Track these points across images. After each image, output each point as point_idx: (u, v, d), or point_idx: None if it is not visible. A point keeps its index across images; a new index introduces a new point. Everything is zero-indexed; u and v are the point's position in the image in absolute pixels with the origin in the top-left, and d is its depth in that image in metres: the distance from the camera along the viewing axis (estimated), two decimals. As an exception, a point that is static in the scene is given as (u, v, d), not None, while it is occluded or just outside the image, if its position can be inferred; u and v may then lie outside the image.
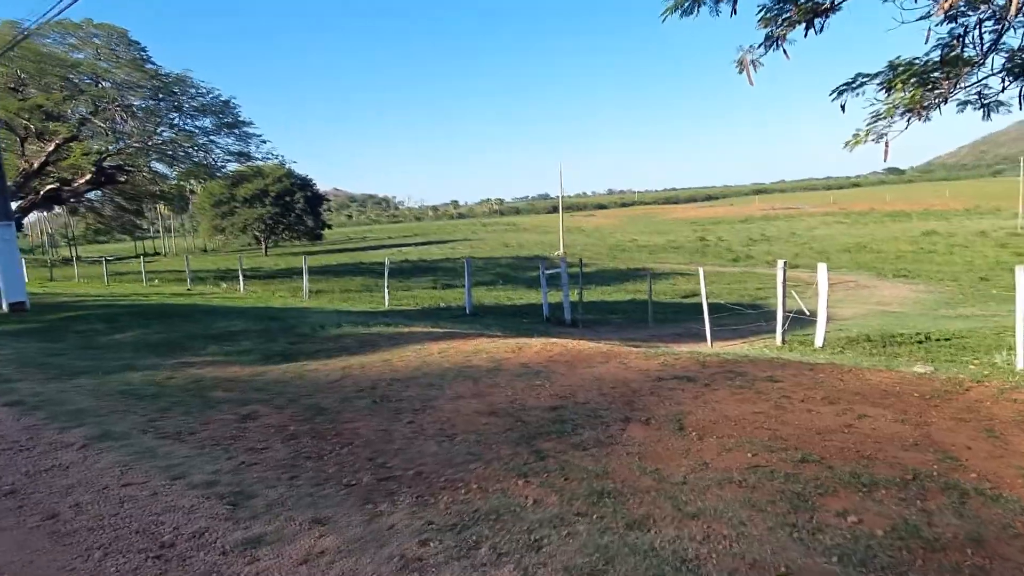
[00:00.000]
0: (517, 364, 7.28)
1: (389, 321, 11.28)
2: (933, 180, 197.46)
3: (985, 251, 36.24)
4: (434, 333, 9.50)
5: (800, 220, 73.01)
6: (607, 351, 7.97)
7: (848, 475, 3.89)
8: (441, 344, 8.53)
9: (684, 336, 13.77)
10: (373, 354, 8.04)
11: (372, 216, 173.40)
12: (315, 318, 11.61)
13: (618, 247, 51.01)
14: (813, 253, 40.09)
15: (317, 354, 8.03)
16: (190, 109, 21.70)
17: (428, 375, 6.83)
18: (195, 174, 23.96)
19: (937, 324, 15.47)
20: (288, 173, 60.89)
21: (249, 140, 23.20)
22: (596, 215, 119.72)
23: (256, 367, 7.34)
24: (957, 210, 71.28)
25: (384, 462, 4.24)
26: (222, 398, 5.97)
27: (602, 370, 6.91)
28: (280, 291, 23.69)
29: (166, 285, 27.42)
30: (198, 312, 12.86)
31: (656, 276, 30.12)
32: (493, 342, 8.66)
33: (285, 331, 9.77)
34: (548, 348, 8.15)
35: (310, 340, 9.03)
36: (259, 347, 8.53)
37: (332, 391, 6.19)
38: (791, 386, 6.04)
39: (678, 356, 7.64)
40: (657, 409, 5.39)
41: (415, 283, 28.31)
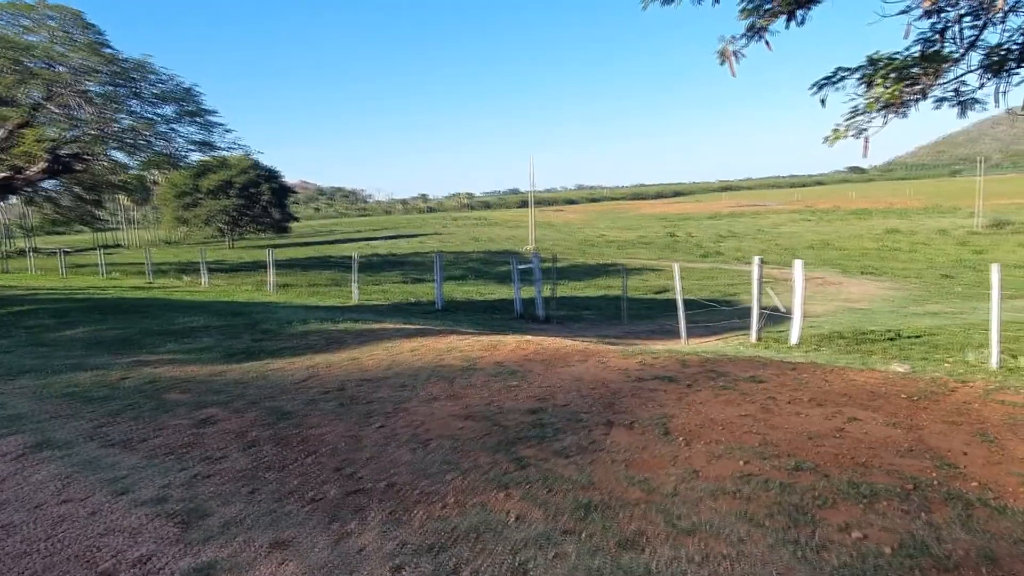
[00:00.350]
0: (492, 363, 7.00)
1: (358, 317, 10.89)
2: (893, 179, 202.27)
3: (946, 249, 36.92)
4: (405, 330, 9.16)
5: (766, 217, 73.92)
6: (584, 349, 7.73)
7: (846, 484, 3.69)
8: (413, 341, 8.21)
9: (658, 333, 13.62)
10: (341, 352, 7.68)
11: (341, 209, 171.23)
12: (281, 313, 11.18)
13: (588, 242, 50.94)
14: (780, 250, 40.44)
15: (282, 352, 7.65)
16: (150, 96, 20.86)
17: (400, 375, 6.51)
18: (156, 163, 23.09)
19: (906, 321, 15.57)
20: (254, 164, 59.64)
21: (212, 129, 22.42)
22: (565, 210, 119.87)
23: (216, 366, 6.94)
24: (917, 208, 72.85)
25: (353, 472, 3.93)
26: (178, 400, 5.58)
27: (580, 369, 6.66)
28: (245, 285, 23.05)
29: (126, 278, 26.56)
30: (157, 307, 12.32)
31: (627, 272, 30.08)
32: (466, 340, 8.36)
33: (248, 327, 9.35)
34: (523, 346, 7.88)
35: (275, 337, 8.63)
36: (220, 344, 8.11)
37: (297, 393, 5.84)
38: (775, 387, 5.87)
39: (656, 355, 7.43)
40: (640, 412, 5.16)
41: (384, 277, 27.81)
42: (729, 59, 7.73)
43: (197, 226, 61.83)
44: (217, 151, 24.05)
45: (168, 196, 60.31)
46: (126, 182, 28.61)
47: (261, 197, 59.33)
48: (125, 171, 25.72)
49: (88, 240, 70.88)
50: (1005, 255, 32.43)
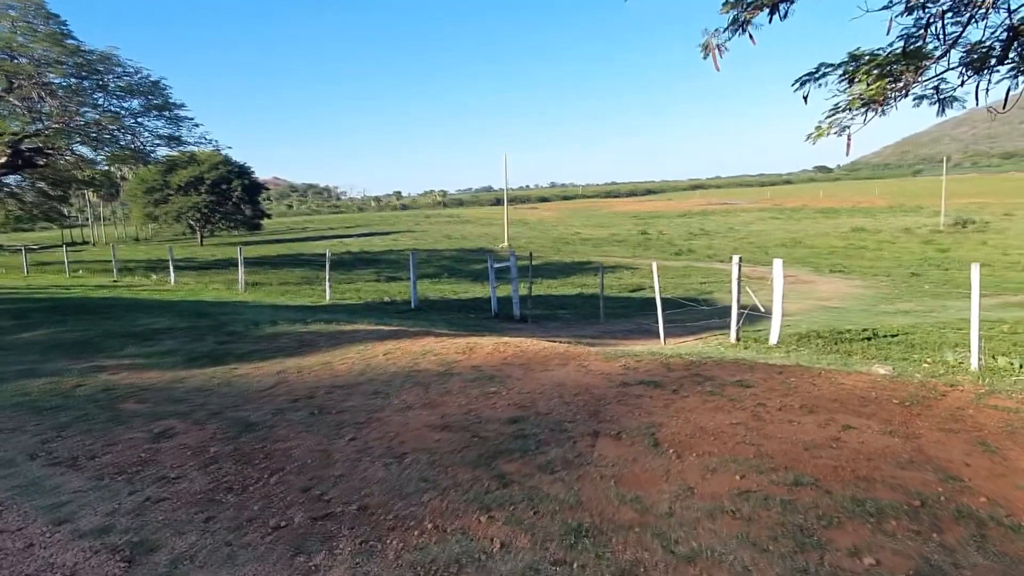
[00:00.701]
0: (469, 367, 6.71)
1: (330, 317, 10.51)
2: (859, 178, 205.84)
3: (911, 247, 37.42)
4: (379, 331, 8.82)
5: (736, 215, 74.58)
6: (564, 352, 7.47)
7: (850, 501, 3.48)
8: (387, 344, 7.88)
9: (635, 332, 13.43)
10: (312, 356, 7.33)
11: (313, 206, 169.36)
12: (249, 314, 10.76)
13: (561, 240, 50.81)
14: (752, 248, 40.67)
15: (249, 356, 7.28)
16: (116, 89, 20.12)
17: (373, 381, 6.19)
18: (122, 159, 22.34)
19: (879, 320, 15.60)
20: (225, 160, 58.53)
21: (180, 123, 21.71)
22: (539, 208, 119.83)
23: (178, 371, 6.55)
24: (882, 207, 74.08)
25: (322, 493, 3.61)
26: (134, 411, 5.20)
27: (561, 374, 6.40)
28: (215, 283, 22.44)
29: (92, 276, 25.70)
30: (120, 307, 11.81)
31: (601, 270, 29.95)
32: (442, 342, 8.06)
33: (214, 329, 8.93)
34: (501, 349, 7.60)
35: (242, 339, 8.24)
36: (184, 348, 7.71)
37: (263, 401, 5.49)
38: (764, 392, 5.67)
39: (640, 358, 7.20)
40: (627, 420, 4.91)
41: (357, 275, 27.35)
42: (713, 53, 7.54)
43: (167, 223, 60.58)
44: (185, 146, 23.36)
45: (137, 192, 58.96)
46: (93, 177, 27.75)
47: (232, 194, 58.21)
48: (91, 166, 24.90)
49: (55, 237, 69.17)
50: (968, 253, 32.94)
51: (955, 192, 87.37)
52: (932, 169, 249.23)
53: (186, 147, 23.85)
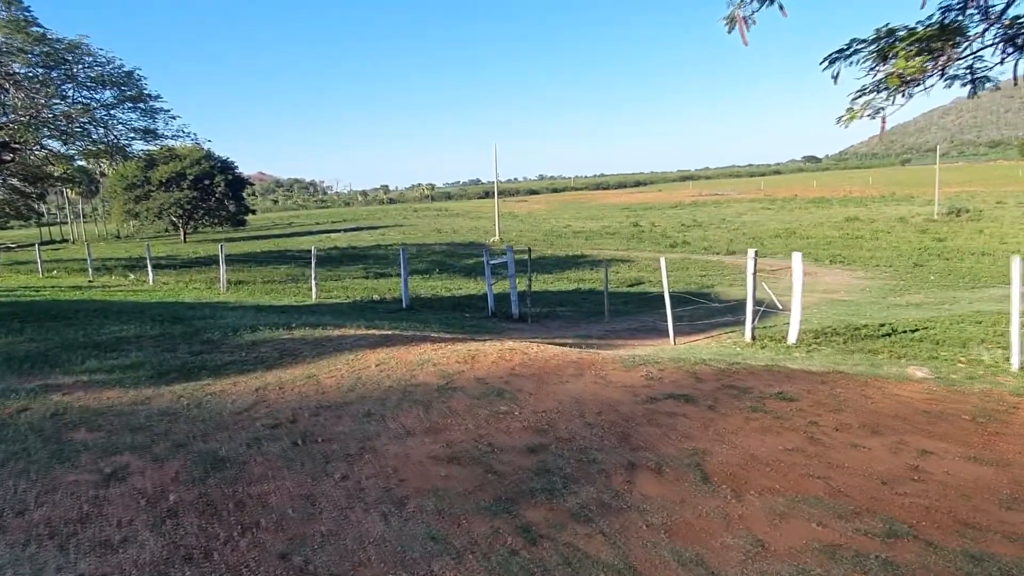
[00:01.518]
0: (473, 380, 5.97)
1: (316, 320, 9.73)
2: (848, 168, 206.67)
3: (908, 237, 36.97)
4: (370, 337, 8.06)
5: (728, 206, 74.17)
6: (578, 360, 6.75)
7: (964, 559, 2.78)
8: (379, 352, 7.12)
9: (641, 331, 12.74)
10: (296, 367, 6.56)
11: (299, 201, 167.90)
12: (229, 318, 9.96)
13: (553, 233, 50.08)
14: (747, 239, 40.11)
15: (225, 369, 6.50)
16: (86, 79, 19.12)
17: (365, 399, 5.43)
18: (95, 153, 21.31)
19: (893, 314, 15.00)
20: (207, 155, 57.33)
21: (156, 115, 20.71)
22: (528, 200, 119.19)
23: (142, 389, 5.77)
24: (874, 197, 73.90)
25: (305, 562, 2.86)
26: (84, 443, 4.42)
27: (579, 387, 5.68)
28: (195, 283, 21.55)
29: (66, 276, 24.71)
30: (89, 312, 10.96)
31: (597, 263, 29.22)
32: (440, 349, 7.31)
33: (188, 337, 8.14)
34: (507, 357, 6.86)
35: (218, 349, 7.46)
36: (152, 359, 6.92)
37: (238, 427, 4.73)
38: (812, 407, 4.97)
39: (662, 366, 6.49)
40: (664, 447, 4.20)
41: (345, 272, 26.49)
42: (740, 25, 6.81)
43: (149, 220, 59.32)
44: (162, 140, 22.33)
45: (117, 189, 57.65)
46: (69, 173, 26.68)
47: (215, 189, 57.01)
48: (66, 161, 23.84)
49: (34, 235, 67.71)
50: (966, 242, 32.54)
51: (945, 181, 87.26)
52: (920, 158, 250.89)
53: (163, 141, 22.77)
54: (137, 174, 55.13)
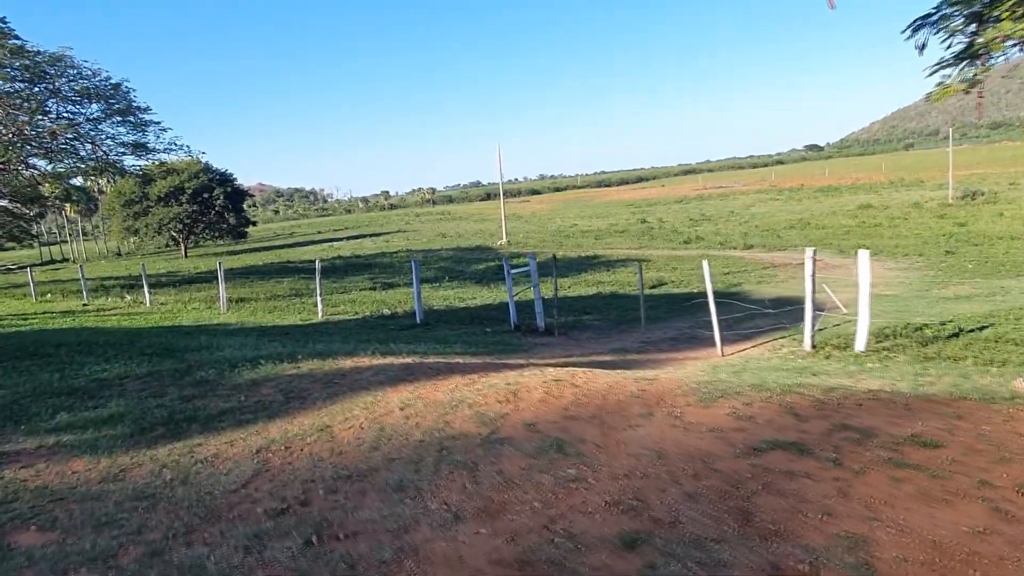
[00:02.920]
0: (522, 427, 4.89)
1: (325, 349, 8.66)
2: (851, 155, 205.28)
3: (928, 223, 35.85)
4: (388, 369, 6.97)
5: (735, 198, 73.17)
6: (639, 392, 5.64)
7: None
8: (402, 390, 6.03)
9: (681, 341, 11.63)
10: (305, 415, 5.49)
11: (300, 210, 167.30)
12: (227, 348, 8.89)
13: (561, 233, 49.02)
14: (761, 232, 39.05)
15: (221, 420, 5.43)
16: (71, 93, 18.09)
17: (393, 461, 4.35)
18: (84, 171, 20.30)
19: (946, 309, 13.90)
20: (205, 168, 56.54)
21: (146, 129, 19.69)
22: (531, 200, 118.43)
23: (119, 456, 4.70)
24: (883, 183, 72.80)
25: None
26: (28, 553, 3.33)
27: (654, 434, 4.59)
28: (195, 301, 20.47)
29: (61, 300, 23.64)
30: (72, 346, 9.90)
31: (612, 264, 28.13)
32: (472, 383, 6.22)
33: (180, 376, 7.07)
34: (554, 392, 5.76)
35: (214, 391, 6.40)
36: (135, 409, 5.86)
37: (234, 517, 3.64)
38: (966, 456, 3.87)
39: (744, 396, 5.38)
40: (805, 532, 3.10)
41: (351, 283, 25.41)
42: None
43: (148, 236, 58.48)
44: (154, 154, 21.26)
45: (115, 206, 56.88)
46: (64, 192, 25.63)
47: (215, 202, 56.13)
48: (54, 180, 22.81)
49: (34, 255, 66.88)
50: (988, 226, 31.45)
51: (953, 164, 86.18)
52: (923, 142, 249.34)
53: (155, 156, 21.70)
54: (135, 190, 54.32)
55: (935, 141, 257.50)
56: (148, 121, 19.65)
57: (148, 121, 19.65)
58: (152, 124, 19.78)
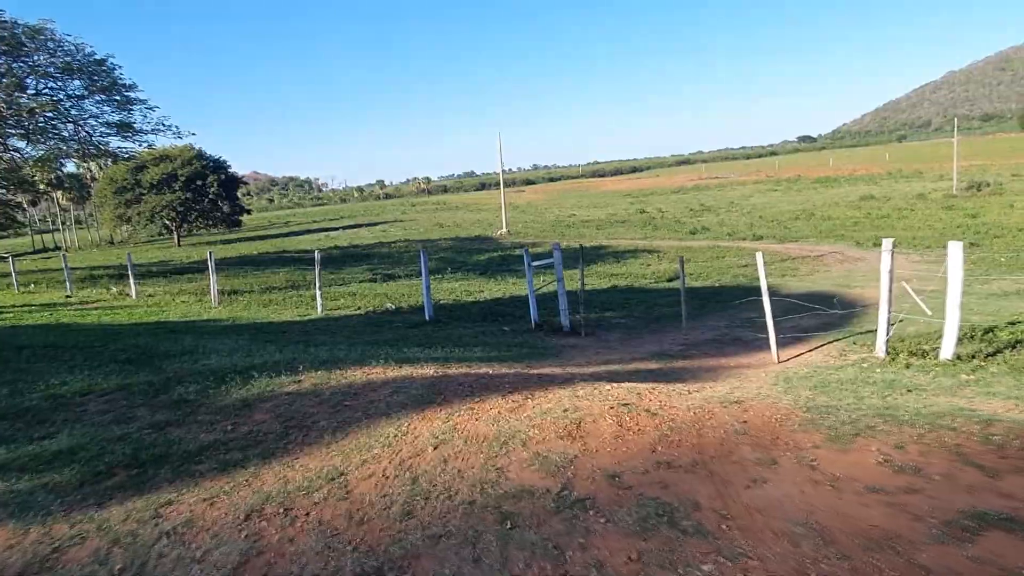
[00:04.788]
0: (602, 478, 3.64)
1: (330, 356, 7.38)
2: (844, 146, 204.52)
3: (937, 214, 34.84)
4: (409, 385, 5.70)
5: (732, 189, 72.45)
6: (741, 424, 4.38)
7: None
8: (431, 418, 4.77)
9: (725, 343, 10.39)
10: (309, 454, 4.23)
11: (295, 199, 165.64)
12: (215, 354, 7.58)
13: (561, 223, 47.80)
14: (766, 223, 37.95)
15: (199, 462, 4.17)
16: (51, 68, 16.56)
17: (438, 541, 3.09)
18: (66, 153, 18.83)
19: (1002, 306, 12.72)
20: (199, 155, 54.99)
21: (132, 107, 18.24)
22: (526, 191, 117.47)
23: (54, 524, 3.42)
24: (881, 174, 72.16)
25: None
26: None
27: (793, 496, 3.34)
28: (185, 293, 19.12)
29: (44, 292, 22.22)
30: (36, 349, 8.58)
31: (620, 255, 26.91)
32: (518, 406, 4.97)
33: (155, 392, 5.78)
34: (627, 420, 4.50)
35: (194, 415, 5.12)
36: (93, 441, 4.58)
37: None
38: None
39: (892, 436, 4.11)
40: None
41: (349, 274, 24.08)
42: None
43: (141, 224, 56.95)
44: (141, 136, 19.76)
45: (107, 193, 55.26)
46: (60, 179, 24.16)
47: (208, 189, 54.58)
48: (40, 164, 21.31)
49: (27, 244, 65.27)
50: (1000, 218, 30.45)
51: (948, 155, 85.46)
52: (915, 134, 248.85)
53: (142, 137, 20.15)
54: (127, 177, 52.82)
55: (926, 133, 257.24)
56: (134, 99, 18.16)
57: (134, 99, 18.16)
58: (138, 103, 18.31)
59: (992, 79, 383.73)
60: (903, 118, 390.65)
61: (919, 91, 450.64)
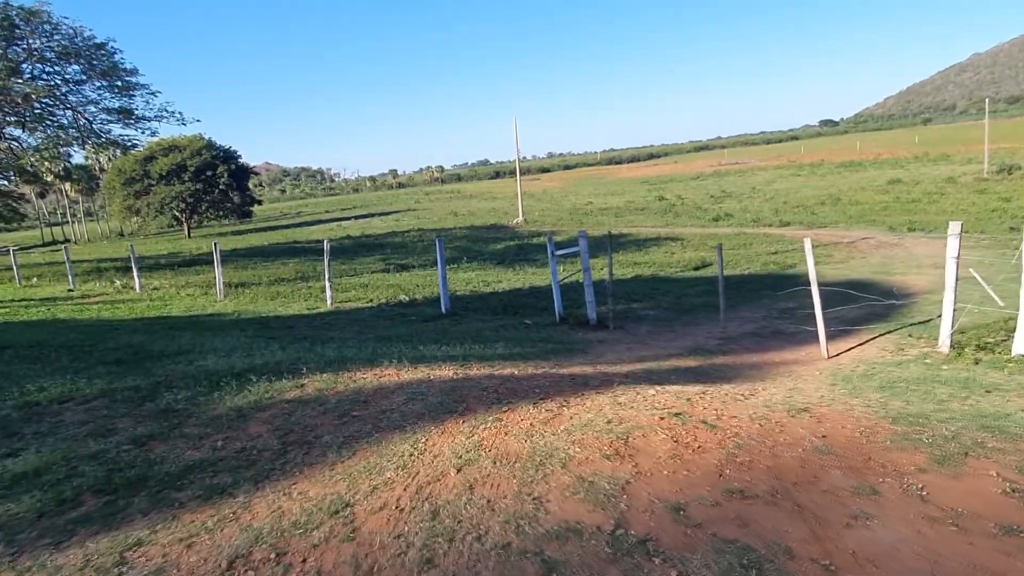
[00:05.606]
0: (664, 512, 2.96)
1: (337, 355, 6.73)
2: (867, 130, 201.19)
3: (969, 198, 33.60)
4: (426, 391, 5.04)
5: (753, 174, 71.08)
6: (821, 440, 3.68)
7: None
8: (452, 431, 4.11)
9: (765, 337, 9.65)
10: (310, 478, 3.58)
11: (307, 190, 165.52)
12: (210, 356, 6.95)
13: (578, 211, 46.90)
14: (791, 208, 36.85)
15: (181, 487, 3.54)
16: (47, 52, 15.98)
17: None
18: (67, 142, 18.29)
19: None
20: (208, 145, 54.49)
21: (133, 93, 17.65)
22: (541, 178, 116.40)
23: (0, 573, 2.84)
24: (907, 158, 70.52)
25: None
26: None
27: (911, 541, 2.64)
28: (191, 286, 18.58)
29: (47, 285, 21.79)
30: (19, 348, 7.98)
31: (641, 243, 26.08)
32: (552, 416, 4.29)
33: (140, 400, 5.17)
34: (682, 435, 3.82)
35: (180, 429, 4.50)
36: (60, 462, 3.93)
37: None
38: None
39: (989, 449, 3.42)
40: None
41: (361, 264, 23.44)
42: None
43: (150, 215, 56.47)
44: (144, 123, 19.14)
45: (116, 184, 54.85)
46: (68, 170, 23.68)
47: (218, 180, 54.02)
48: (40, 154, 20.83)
49: (37, 237, 65.38)
50: (1035, 201, 29.24)
51: (975, 138, 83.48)
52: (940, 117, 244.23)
53: (145, 124, 19.52)
54: (136, 168, 52.41)
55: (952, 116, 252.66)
56: (135, 84, 17.56)
57: (135, 84, 17.56)
58: (140, 88, 17.70)
59: (1019, 60, 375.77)
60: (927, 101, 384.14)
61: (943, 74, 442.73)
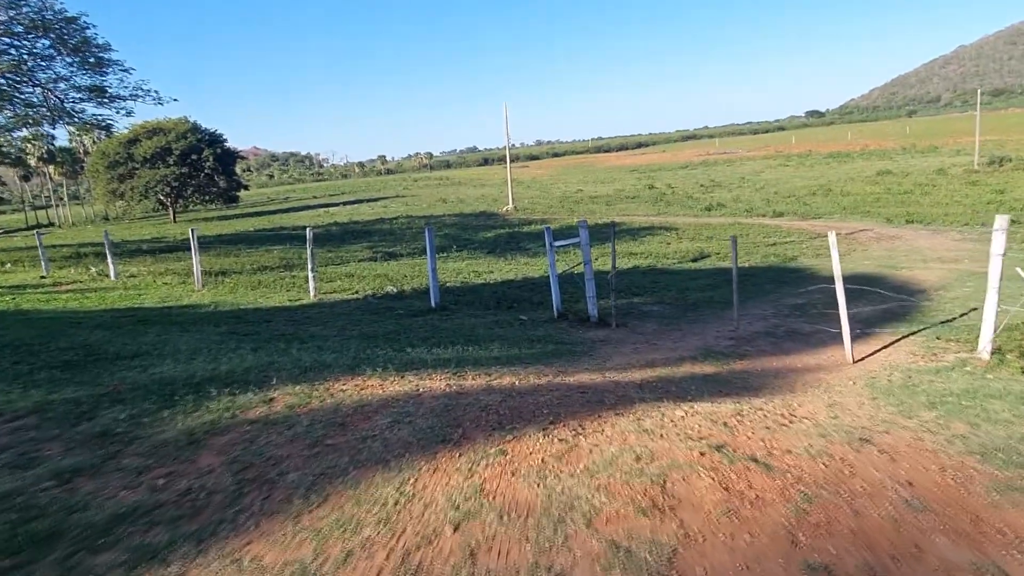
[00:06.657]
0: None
1: (314, 360, 5.94)
2: (854, 121, 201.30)
3: (961, 190, 33.24)
4: (415, 411, 4.28)
5: (741, 164, 70.86)
6: (911, 494, 2.99)
7: None
8: (447, 470, 3.36)
9: (780, 337, 8.94)
10: (267, 535, 2.83)
11: (295, 175, 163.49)
12: (173, 359, 6.12)
13: (569, 199, 46.20)
14: (782, 199, 36.32)
15: (100, 549, 2.72)
16: (12, 24, 14.92)
17: None
18: (35, 121, 17.26)
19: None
20: (193, 128, 53.14)
21: (106, 70, 16.62)
22: (530, 166, 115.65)
23: None
24: (895, 149, 70.52)
25: None
26: None
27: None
28: (170, 274, 17.66)
29: (19, 271, 20.81)
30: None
31: (635, 233, 25.35)
32: (568, 448, 3.55)
33: (77, 419, 4.33)
34: (732, 480, 3.10)
35: (118, 459, 3.66)
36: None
37: None
38: None
39: None
40: None
41: (348, 252, 22.59)
42: None
43: (134, 199, 55.08)
44: (118, 103, 18.12)
45: (99, 167, 53.42)
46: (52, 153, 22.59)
47: (204, 164, 52.68)
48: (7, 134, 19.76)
49: (21, 220, 63.80)
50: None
51: (961, 130, 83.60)
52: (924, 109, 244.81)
53: (119, 104, 18.48)
54: (119, 151, 51.04)
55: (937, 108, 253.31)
56: (108, 60, 16.54)
57: (108, 60, 16.54)
58: (113, 64, 16.68)
59: (1003, 53, 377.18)
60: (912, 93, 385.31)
61: (928, 66, 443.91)
